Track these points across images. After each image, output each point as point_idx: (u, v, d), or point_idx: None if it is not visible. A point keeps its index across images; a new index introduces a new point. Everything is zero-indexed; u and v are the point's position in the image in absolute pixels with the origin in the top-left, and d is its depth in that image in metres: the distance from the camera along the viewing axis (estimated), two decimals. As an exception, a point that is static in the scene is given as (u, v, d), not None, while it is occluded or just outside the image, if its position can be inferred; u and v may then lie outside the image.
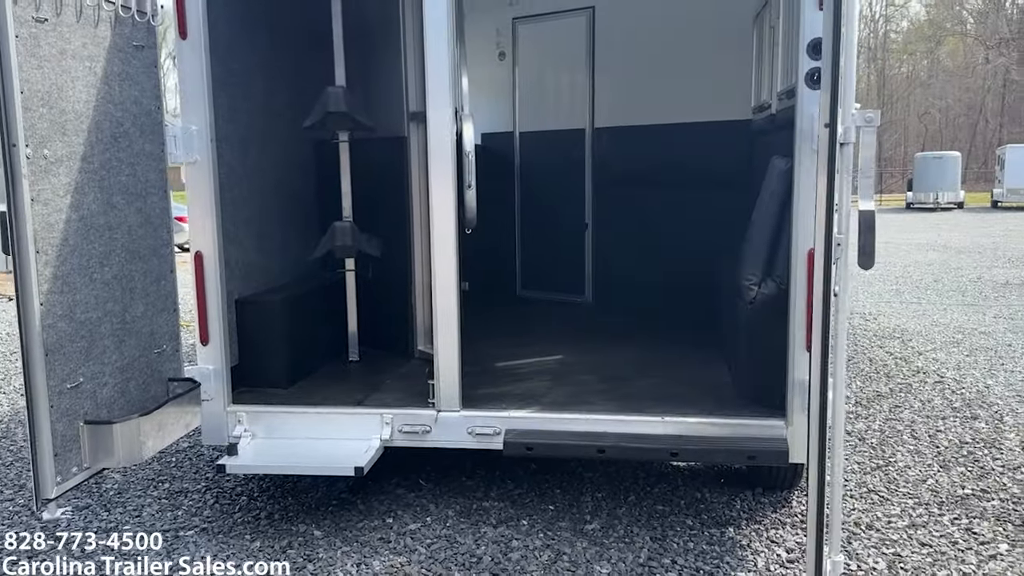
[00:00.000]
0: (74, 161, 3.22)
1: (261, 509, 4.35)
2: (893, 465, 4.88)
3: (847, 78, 2.59)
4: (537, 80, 7.41)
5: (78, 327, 3.22)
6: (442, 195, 3.94)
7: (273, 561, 3.32)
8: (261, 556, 3.79)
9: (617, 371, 4.90)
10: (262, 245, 4.85)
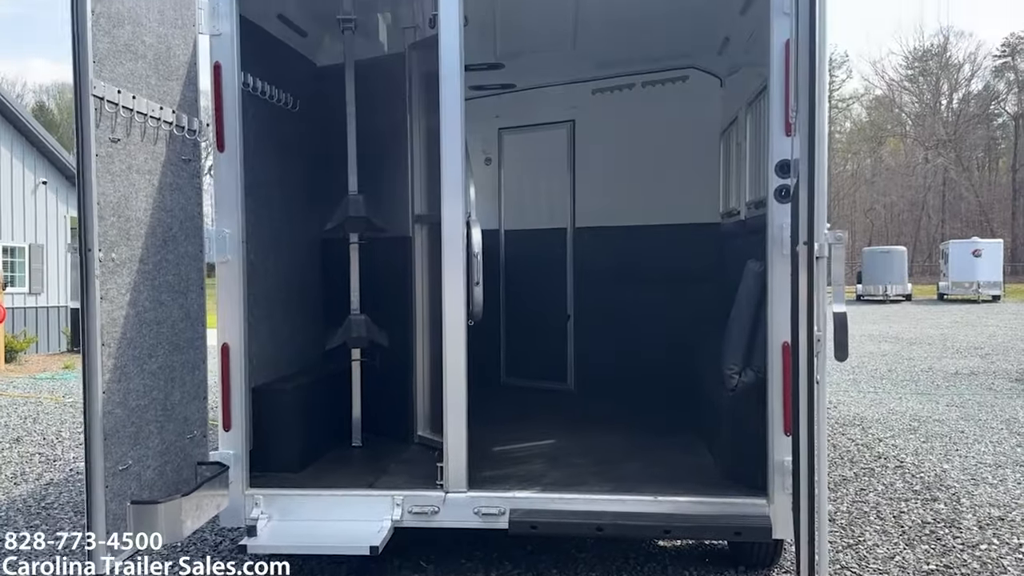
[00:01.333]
0: (134, 263, 3.58)
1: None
2: (863, 543, 5.26)
3: (820, 205, 3.12)
4: (521, 183, 8.00)
5: (129, 413, 3.52)
6: (454, 290, 4.36)
7: (273, 561, 3.44)
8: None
9: (607, 455, 5.26)
10: (276, 337, 5.18)
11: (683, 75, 6.94)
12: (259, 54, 4.81)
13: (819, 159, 3.13)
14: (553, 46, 6.51)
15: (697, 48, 6.45)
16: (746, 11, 5.01)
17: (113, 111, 3.49)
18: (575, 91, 7.45)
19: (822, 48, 3.19)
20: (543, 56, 6.76)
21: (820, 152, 3.15)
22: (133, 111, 3.62)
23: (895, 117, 71.42)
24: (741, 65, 5.69)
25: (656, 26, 5.92)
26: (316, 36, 5.69)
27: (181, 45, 4.06)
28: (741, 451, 4.47)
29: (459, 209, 4.34)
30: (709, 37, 6.06)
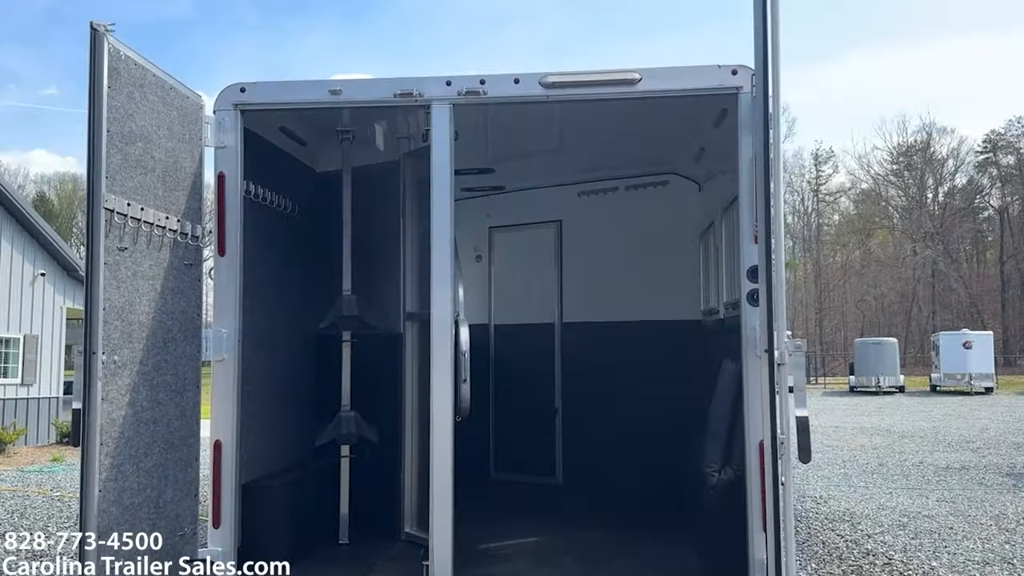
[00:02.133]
0: (134, 365, 3.75)
1: None
2: (849, 642, 5.25)
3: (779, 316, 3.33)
4: (511, 280, 8.25)
5: (123, 511, 3.61)
6: (442, 388, 4.51)
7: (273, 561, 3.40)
8: None
9: (593, 552, 5.31)
10: (267, 433, 5.29)
11: (663, 180, 7.29)
12: (261, 163, 5.10)
13: (776, 274, 3.37)
14: (540, 152, 6.86)
15: (676, 156, 6.80)
16: (720, 124, 5.36)
17: (122, 222, 3.73)
18: (562, 193, 7.80)
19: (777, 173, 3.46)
20: (531, 161, 7.11)
21: (778, 267, 3.38)
22: (141, 221, 3.86)
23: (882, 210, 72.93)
24: (717, 173, 6.02)
25: (637, 135, 6.27)
26: (316, 145, 6.03)
27: (188, 158, 4.35)
28: (723, 548, 4.54)
29: (448, 308, 4.54)
30: (687, 146, 6.42)
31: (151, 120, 3.99)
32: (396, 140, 5.89)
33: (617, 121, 5.95)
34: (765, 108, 3.57)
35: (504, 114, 5.57)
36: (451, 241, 4.59)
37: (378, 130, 5.82)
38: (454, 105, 4.59)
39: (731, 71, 4.36)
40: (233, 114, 4.55)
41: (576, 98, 4.63)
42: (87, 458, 3.37)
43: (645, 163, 7.17)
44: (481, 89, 4.56)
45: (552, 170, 7.44)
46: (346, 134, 5.66)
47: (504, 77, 4.57)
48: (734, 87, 4.35)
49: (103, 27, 3.63)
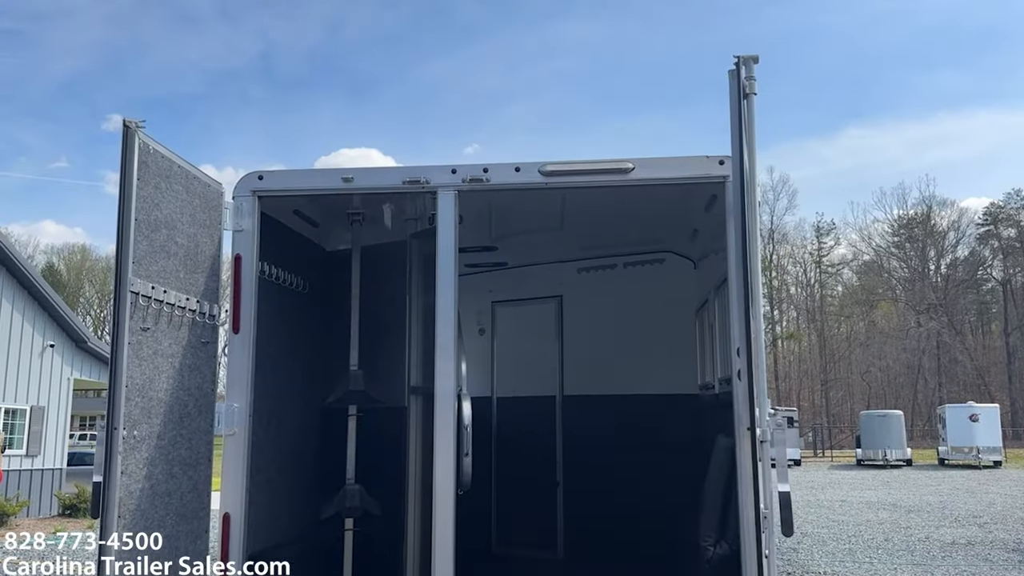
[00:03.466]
0: (152, 439, 3.94)
1: None
2: None
3: (760, 394, 3.53)
4: (513, 353, 8.44)
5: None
6: (444, 462, 4.66)
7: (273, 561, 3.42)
8: None
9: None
10: (273, 504, 5.42)
11: (660, 258, 7.56)
12: (275, 244, 5.37)
13: (756, 351, 3.57)
14: (541, 231, 7.15)
15: (671, 236, 7.08)
16: (710, 208, 5.64)
17: (146, 304, 3.97)
18: (562, 269, 8.06)
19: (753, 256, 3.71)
20: (532, 239, 7.39)
21: (757, 344, 3.59)
22: (163, 303, 4.11)
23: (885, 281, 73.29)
24: (710, 252, 6.28)
25: (633, 217, 6.56)
26: (327, 226, 6.32)
27: (208, 242, 4.62)
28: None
29: (451, 382, 4.73)
30: (681, 227, 6.70)
31: (175, 208, 4.28)
32: (403, 221, 6.17)
33: (614, 204, 6.24)
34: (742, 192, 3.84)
35: (506, 198, 5.85)
36: (455, 318, 4.82)
37: (386, 212, 6.11)
38: (459, 192, 4.88)
39: (718, 161, 4.66)
40: (251, 200, 4.84)
41: (574, 185, 4.93)
42: (105, 529, 3.53)
43: (642, 242, 7.44)
44: (484, 177, 4.86)
45: (552, 247, 7.71)
46: (356, 216, 5.95)
47: (506, 166, 4.87)
48: (721, 176, 4.64)
49: (134, 124, 3.95)
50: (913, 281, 71.13)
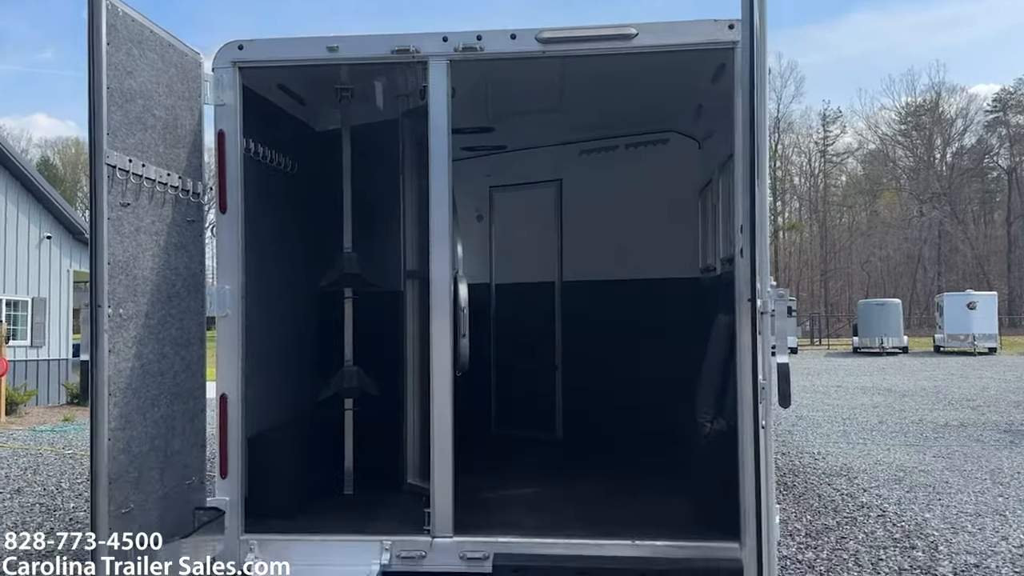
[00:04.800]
0: (140, 318, 3.85)
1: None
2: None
3: (762, 263, 3.40)
4: (511, 239, 8.31)
5: (132, 459, 3.74)
6: (441, 343, 4.61)
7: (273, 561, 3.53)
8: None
9: (590, 501, 5.45)
10: (271, 387, 5.41)
11: (664, 138, 7.31)
12: (261, 121, 5.14)
13: (760, 221, 3.43)
14: (540, 110, 6.88)
15: (675, 113, 6.81)
16: (716, 80, 5.36)
17: (124, 178, 3.79)
18: (562, 152, 7.82)
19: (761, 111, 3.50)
20: (531, 119, 7.13)
21: (761, 214, 3.44)
22: (142, 177, 3.93)
23: (890, 171, 72.48)
24: (715, 130, 6.04)
25: (636, 92, 6.28)
26: (315, 104, 6.05)
27: (187, 115, 4.40)
28: (715, 496, 4.66)
29: (446, 265, 4.62)
30: (685, 104, 6.43)
31: (150, 77, 4.04)
32: (395, 98, 5.91)
33: (616, 78, 5.95)
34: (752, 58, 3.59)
35: (502, 71, 5.57)
36: (449, 198, 4.65)
37: (377, 88, 5.83)
38: (451, 61, 4.61)
39: (727, 25, 4.37)
40: (232, 71, 4.58)
41: (573, 54, 4.65)
42: (96, 408, 3.48)
43: (645, 121, 7.17)
44: (478, 45, 4.58)
45: (552, 129, 7.45)
46: (345, 92, 5.68)
47: (500, 33, 4.59)
48: (730, 42, 4.36)
49: (100, -17, 3.66)
50: (918, 170, 70.33)
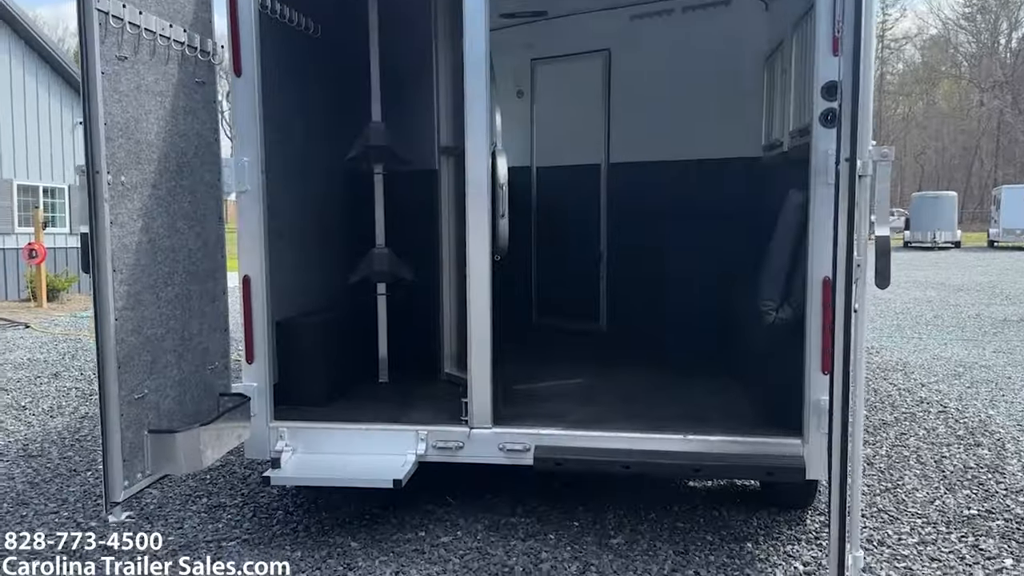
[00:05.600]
0: (146, 188, 3.47)
1: (298, 522, 4.54)
2: (901, 487, 5.08)
3: (864, 117, 2.87)
4: (554, 117, 7.73)
5: (145, 342, 3.45)
6: (478, 224, 4.20)
7: (273, 561, 3.44)
8: (303, 564, 3.98)
9: (637, 393, 5.13)
10: (299, 271, 5.09)
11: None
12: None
13: (864, 74, 2.88)
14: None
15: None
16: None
17: (119, 27, 3.34)
18: (611, 18, 7.11)
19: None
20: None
21: (866, 66, 2.89)
22: (141, 27, 3.47)
23: (950, 58, 68.53)
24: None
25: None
26: (339, -42, 5.47)
27: (192, -39, 3.88)
28: (776, 389, 4.30)
29: (483, 138, 4.16)
30: (753, -44, 5.70)
31: (145, -89, 3.52)
32: (426, -48, 5.30)
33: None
34: None
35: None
36: (487, 64, 4.14)
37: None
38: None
39: None
40: (242, -89, 4.04)
41: None
42: (99, 285, 3.17)
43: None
44: None
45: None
46: (373, -56, 5.09)
47: None
48: None
49: None
50: (980, 57, 66.32)
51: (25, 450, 6.00)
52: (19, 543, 3.29)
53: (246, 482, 5.18)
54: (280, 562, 3.41)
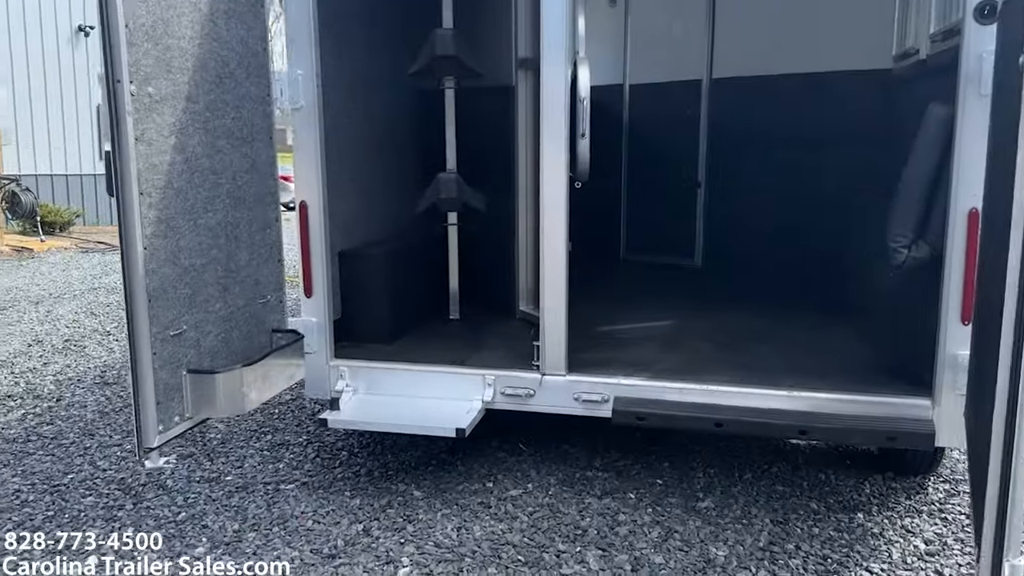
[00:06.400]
0: (179, 100, 3.10)
1: (361, 465, 4.27)
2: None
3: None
4: (650, 27, 6.98)
5: (182, 273, 3.14)
6: (554, 146, 3.70)
7: (273, 561, 3.20)
8: (361, 514, 3.70)
9: (734, 339, 4.56)
10: (365, 197, 4.71)
11: None
12: None
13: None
14: None
15: None
16: None
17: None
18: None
19: None
20: None
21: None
22: (167, -88, 3.04)
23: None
24: None
25: None
26: None
27: None
28: (902, 340, 3.68)
29: (561, 41, 3.61)
30: None
31: None
32: None
33: None
34: None
35: None
36: None
37: None
38: None
39: None
40: None
41: None
42: (124, 209, 2.84)
43: None
44: None
45: None
46: None
47: None
48: None
49: None
50: None
51: (102, 377, 5.97)
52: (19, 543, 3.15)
53: (314, 419, 4.95)
54: (280, 562, 3.15)
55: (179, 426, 3.12)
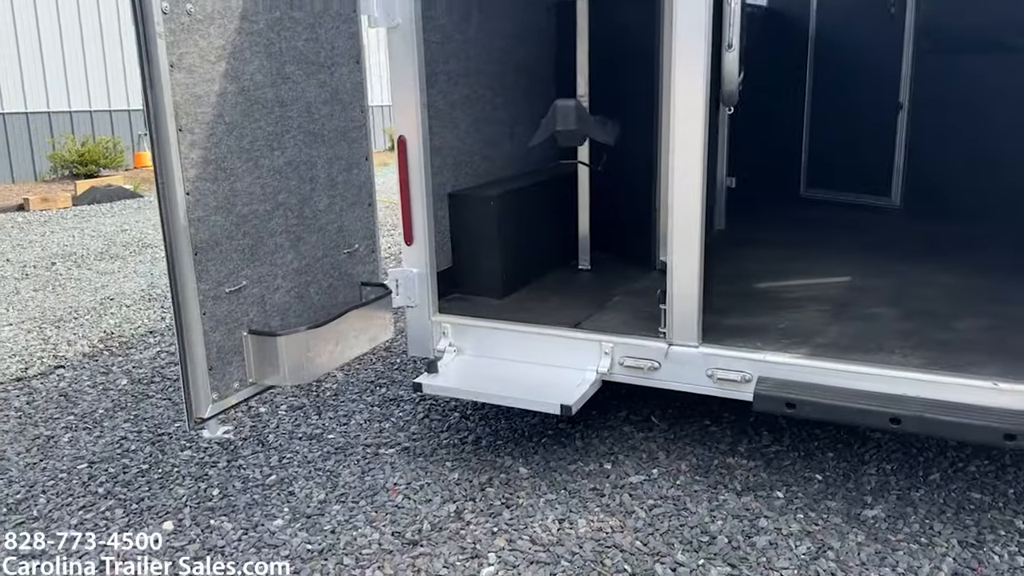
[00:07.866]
0: (230, 19, 2.66)
1: (470, 431, 3.83)
2: None
3: None
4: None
5: (239, 221, 2.75)
6: (690, 58, 2.94)
7: (273, 561, 2.79)
8: (457, 491, 3.26)
9: (929, 305, 3.62)
10: (481, 129, 4.16)
11: None
12: None
13: None
14: None
15: None
16: None
17: None
18: None
19: None
20: None
21: None
22: None
23: None
24: None
25: None
26: None
27: None
28: None
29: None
30: None
31: None
32: None
33: None
34: None
35: None
36: None
37: None
38: None
39: None
40: None
41: None
42: (160, 149, 2.46)
43: None
44: None
45: None
46: None
47: None
48: None
49: None
50: None
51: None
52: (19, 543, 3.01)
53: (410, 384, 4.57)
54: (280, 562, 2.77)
55: (238, 394, 2.79)
